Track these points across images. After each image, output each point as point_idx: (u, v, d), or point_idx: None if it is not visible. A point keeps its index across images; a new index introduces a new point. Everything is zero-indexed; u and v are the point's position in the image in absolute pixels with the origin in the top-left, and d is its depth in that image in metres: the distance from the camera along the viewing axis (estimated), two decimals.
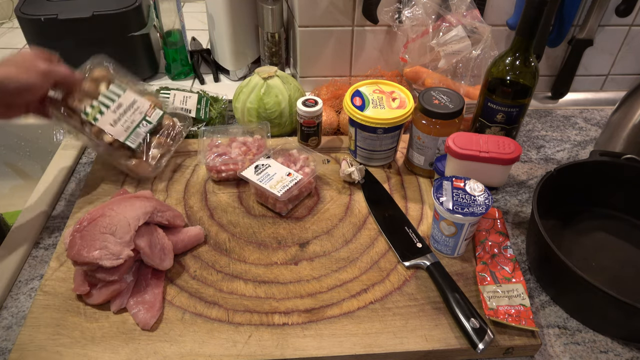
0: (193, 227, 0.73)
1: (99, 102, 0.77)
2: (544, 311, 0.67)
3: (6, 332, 0.63)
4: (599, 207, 0.79)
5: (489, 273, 0.67)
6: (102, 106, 0.76)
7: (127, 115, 0.78)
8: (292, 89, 0.92)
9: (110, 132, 0.76)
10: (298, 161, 0.81)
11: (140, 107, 0.80)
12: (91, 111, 0.75)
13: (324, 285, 0.68)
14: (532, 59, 0.76)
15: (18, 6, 0.98)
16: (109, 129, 0.76)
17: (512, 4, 0.96)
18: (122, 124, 0.77)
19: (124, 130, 0.77)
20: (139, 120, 0.78)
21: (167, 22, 1.04)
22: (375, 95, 0.85)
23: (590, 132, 1.01)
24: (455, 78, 0.97)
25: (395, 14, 0.95)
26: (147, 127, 0.79)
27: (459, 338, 0.61)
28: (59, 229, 0.77)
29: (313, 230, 0.76)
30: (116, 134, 0.76)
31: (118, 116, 0.77)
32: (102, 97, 0.77)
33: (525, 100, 0.78)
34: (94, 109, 0.75)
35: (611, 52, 1.06)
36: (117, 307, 0.63)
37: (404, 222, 0.77)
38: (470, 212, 0.65)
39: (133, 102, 0.79)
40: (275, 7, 0.99)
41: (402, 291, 0.67)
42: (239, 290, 0.67)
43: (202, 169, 0.86)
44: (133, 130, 0.78)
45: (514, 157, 0.73)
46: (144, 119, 0.79)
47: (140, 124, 0.78)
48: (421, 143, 0.82)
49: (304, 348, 0.60)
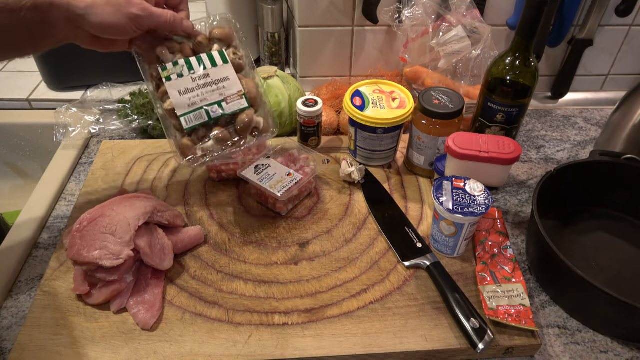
0: (193, 227, 0.73)
1: (186, 62, 0.66)
2: (544, 311, 0.67)
3: (6, 332, 0.63)
4: (599, 207, 0.79)
5: (489, 273, 0.67)
6: (185, 68, 0.65)
7: (204, 90, 0.66)
8: (292, 89, 0.92)
9: (173, 98, 0.65)
10: (298, 161, 0.81)
11: (226, 89, 0.67)
12: (170, 68, 0.65)
13: (324, 285, 0.68)
14: (532, 59, 0.76)
15: None
16: (174, 95, 0.65)
17: (512, 4, 0.96)
18: (191, 97, 0.65)
19: (187, 104, 0.65)
20: (213, 102, 0.66)
21: None
22: (375, 95, 0.85)
23: (590, 132, 1.01)
24: (455, 78, 0.97)
25: (395, 14, 0.95)
26: (215, 114, 0.66)
27: (459, 338, 0.61)
28: (59, 229, 0.77)
29: (313, 230, 0.76)
30: (177, 104, 0.65)
31: (194, 87, 0.65)
32: (194, 59, 0.66)
33: (525, 100, 0.78)
34: (175, 67, 0.65)
35: (611, 52, 1.06)
36: (117, 307, 0.63)
37: (404, 222, 0.77)
38: (470, 212, 0.65)
39: (223, 79, 0.67)
40: (275, 7, 0.99)
41: (402, 291, 0.67)
42: (239, 290, 0.67)
43: (202, 169, 0.86)
44: (197, 109, 0.65)
45: (514, 157, 0.73)
46: (219, 103, 0.66)
47: (210, 107, 0.66)
48: (421, 143, 0.82)
49: (304, 348, 0.60)
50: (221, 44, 0.69)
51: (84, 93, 1.06)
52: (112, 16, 0.60)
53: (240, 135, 0.69)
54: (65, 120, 0.91)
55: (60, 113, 0.91)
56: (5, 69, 1.14)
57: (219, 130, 0.67)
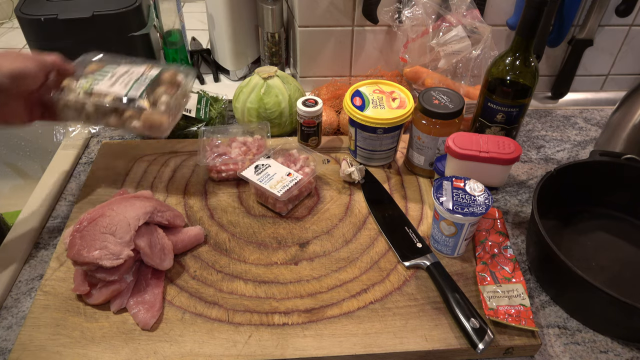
0: (193, 227, 0.73)
1: (93, 77, 0.75)
2: (544, 311, 0.67)
3: (6, 332, 0.63)
4: (599, 207, 0.79)
5: (489, 273, 0.67)
6: (96, 79, 0.74)
7: (123, 77, 0.75)
8: (292, 89, 0.92)
9: (109, 91, 0.72)
10: (298, 161, 0.81)
11: (136, 70, 0.77)
12: (85, 83, 0.73)
13: (324, 285, 0.68)
14: (532, 59, 0.76)
15: (18, 6, 0.98)
16: (108, 90, 0.72)
17: (512, 4, 0.96)
18: (120, 83, 0.74)
19: (123, 87, 0.73)
20: (136, 77, 0.75)
21: (167, 22, 1.04)
22: (375, 95, 0.85)
23: (590, 132, 1.01)
24: (455, 78, 0.97)
25: (395, 14, 0.95)
26: (146, 80, 0.75)
27: (459, 338, 0.61)
28: (59, 229, 0.77)
29: (313, 230, 0.76)
30: (116, 91, 0.72)
31: (114, 81, 0.74)
32: (96, 74, 0.76)
33: (525, 100, 0.78)
34: (87, 80, 0.74)
35: (611, 52, 1.06)
36: (117, 307, 0.63)
37: (404, 222, 0.77)
38: (470, 212, 0.65)
39: (128, 70, 0.77)
40: (275, 7, 0.99)
41: (402, 291, 0.67)
42: (239, 290, 0.67)
43: (202, 169, 0.86)
44: (132, 85, 0.74)
45: (514, 157, 0.73)
46: (142, 75, 0.76)
47: (138, 79, 0.75)
48: (421, 143, 0.82)
49: (304, 348, 0.60)
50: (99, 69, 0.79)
51: None
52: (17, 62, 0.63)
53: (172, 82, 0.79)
54: None
55: None
56: None
57: (158, 88, 0.75)
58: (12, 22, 1.35)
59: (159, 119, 0.73)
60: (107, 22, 0.98)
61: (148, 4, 1.04)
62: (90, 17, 0.96)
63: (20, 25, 0.98)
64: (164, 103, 0.74)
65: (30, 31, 0.98)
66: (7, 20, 1.35)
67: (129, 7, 0.98)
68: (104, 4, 0.99)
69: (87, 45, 1.00)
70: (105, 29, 0.99)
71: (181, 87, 0.77)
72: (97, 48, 1.01)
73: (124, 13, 0.98)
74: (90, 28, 0.98)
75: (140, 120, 0.73)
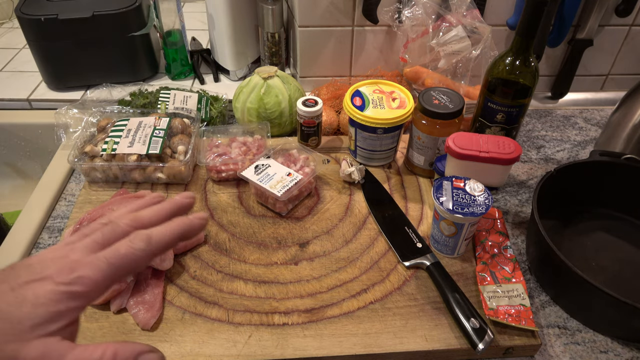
0: None
1: (109, 137, 0.82)
2: (544, 311, 0.67)
3: None
4: (599, 207, 0.79)
5: (489, 273, 0.67)
6: (114, 139, 0.81)
7: (138, 133, 0.82)
8: (292, 89, 0.92)
9: (131, 152, 0.79)
10: (298, 161, 0.81)
11: (147, 123, 0.84)
12: (107, 146, 0.80)
13: (324, 285, 0.68)
14: (532, 59, 0.76)
15: (18, 6, 0.98)
16: (129, 150, 0.79)
17: (512, 4, 0.96)
18: (138, 141, 0.81)
19: (142, 145, 0.80)
20: (151, 132, 0.82)
21: (167, 22, 1.04)
22: (375, 95, 0.85)
23: (590, 132, 1.01)
24: (455, 78, 0.97)
25: (395, 14, 0.95)
26: (161, 133, 0.82)
27: (459, 338, 0.61)
28: (59, 229, 0.77)
29: (313, 230, 0.76)
30: (137, 150, 0.79)
31: (131, 138, 0.81)
32: (111, 133, 0.82)
33: (525, 100, 0.78)
34: (108, 144, 0.80)
35: (611, 52, 1.06)
36: (117, 307, 0.63)
37: (404, 222, 0.77)
38: (470, 212, 0.65)
39: (139, 123, 0.84)
40: (275, 7, 0.99)
41: (402, 291, 0.67)
42: (239, 290, 0.67)
43: (202, 169, 0.86)
44: (150, 141, 0.81)
45: (514, 157, 0.73)
46: (155, 129, 0.83)
47: (153, 134, 0.82)
48: (421, 143, 0.82)
49: (304, 348, 0.60)
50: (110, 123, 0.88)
51: (83, 93, 1.06)
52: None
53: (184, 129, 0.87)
54: (65, 121, 0.91)
55: (61, 114, 0.91)
56: (5, 69, 1.14)
57: (173, 138, 0.84)
58: (12, 22, 1.35)
59: (179, 169, 0.81)
60: (107, 22, 0.98)
61: (148, 4, 1.04)
62: (90, 17, 0.96)
63: (20, 25, 0.98)
64: (182, 153, 0.82)
65: (30, 31, 0.98)
66: (7, 20, 1.35)
67: (129, 7, 0.98)
68: (104, 4, 0.99)
69: (87, 45, 1.01)
70: (105, 29, 0.99)
71: (193, 136, 0.85)
72: (97, 48, 1.02)
73: (124, 13, 0.98)
74: (90, 28, 0.98)
75: (163, 173, 0.82)
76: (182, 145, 0.83)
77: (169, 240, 0.34)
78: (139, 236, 0.33)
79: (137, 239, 0.33)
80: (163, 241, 0.34)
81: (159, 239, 0.34)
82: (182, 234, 0.35)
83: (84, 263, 0.31)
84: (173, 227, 0.35)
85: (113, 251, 0.32)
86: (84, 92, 1.06)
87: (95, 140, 0.84)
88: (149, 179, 0.82)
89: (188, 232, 0.35)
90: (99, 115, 0.90)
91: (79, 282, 0.31)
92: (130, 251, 0.32)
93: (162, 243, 0.34)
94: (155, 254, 0.33)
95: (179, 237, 0.35)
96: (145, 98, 0.95)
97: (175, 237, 0.34)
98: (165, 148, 0.82)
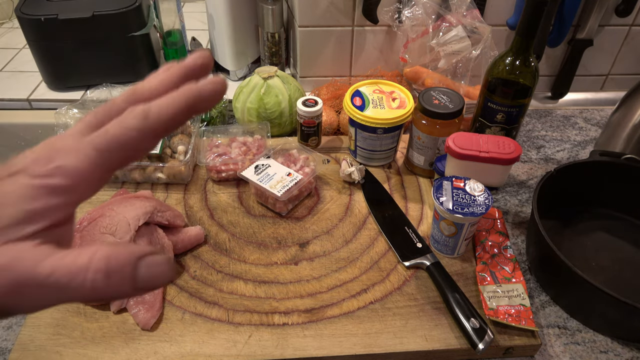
0: (193, 227, 0.73)
1: None
2: (544, 311, 0.67)
3: (6, 332, 0.63)
4: (599, 207, 0.79)
5: (489, 273, 0.67)
6: None
7: None
8: (292, 89, 0.92)
9: None
10: (298, 161, 0.81)
11: None
12: None
13: (324, 285, 0.68)
14: (532, 59, 0.76)
15: (18, 6, 0.98)
16: None
17: (512, 4, 0.96)
18: None
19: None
20: None
21: (167, 22, 1.04)
22: (375, 95, 0.85)
23: (590, 132, 1.01)
24: (455, 78, 0.97)
25: (395, 14, 0.95)
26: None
27: (459, 338, 0.61)
28: None
29: (313, 230, 0.76)
30: None
31: None
32: None
33: (525, 100, 0.78)
34: None
35: (611, 52, 1.06)
36: (117, 307, 0.63)
37: (404, 222, 0.77)
38: (470, 212, 0.65)
39: None
40: (275, 7, 0.99)
41: (402, 291, 0.67)
42: (239, 290, 0.67)
43: (202, 169, 0.86)
44: None
45: (514, 157, 0.73)
46: None
47: None
48: (421, 143, 0.82)
49: (304, 348, 0.60)
50: None
51: (83, 93, 1.06)
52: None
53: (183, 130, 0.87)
54: (65, 121, 0.91)
55: (61, 114, 0.91)
56: (5, 69, 1.14)
57: (173, 139, 0.84)
58: (12, 22, 1.34)
59: (179, 169, 0.81)
60: (107, 22, 0.98)
61: (148, 4, 1.04)
62: (90, 17, 0.96)
63: (20, 25, 0.98)
64: (182, 153, 0.82)
65: (30, 31, 0.98)
66: (7, 20, 1.35)
67: (129, 7, 0.98)
68: (104, 4, 0.99)
69: (87, 45, 1.00)
70: (105, 29, 0.99)
71: (193, 136, 0.84)
72: (97, 48, 1.02)
73: (124, 13, 0.98)
74: (90, 28, 0.98)
75: (163, 173, 0.81)
76: (182, 145, 0.83)
77: (172, 113, 0.26)
78: (134, 112, 0.26)
79: (131, 115, 0.26)
80: (164, 115, 0.26)
81: (159, 112, 0.26)
82: (189, 105, 0.27)
83: (65, 150, 0.25)
84: (176, 97, 0.27)
85: (101, 133, 0.25)
86: (84, 92, 1.06)
87: None
88: (149, 179, 0.83)
89: (197, 102, 0.27)
90: None
91: (58, 174, 0.24)
92: (121, 131, 0.25)
93: (162, 118, 0.26)
94: (156, 132, 0.26)
95: (185, 110, 0.27)
96: None
97: (180, 109, 0.26)
98: (165, 148, 0.82)
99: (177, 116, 0.26)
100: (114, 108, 0.27)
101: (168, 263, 0.24)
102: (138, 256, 0.23)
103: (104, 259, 0.23)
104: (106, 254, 0.23)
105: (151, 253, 0.24)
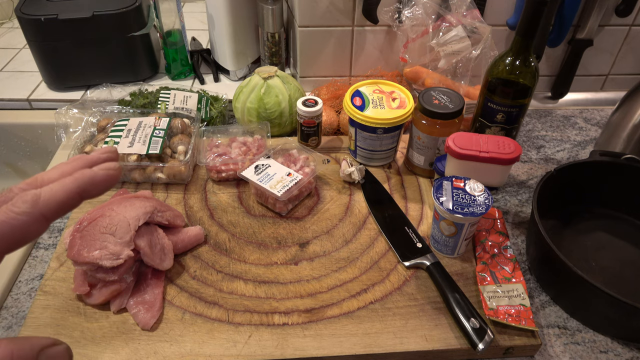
0: (193, 227, 0.73)
1: (110, 137, 0.82)
2: (544, 311, 0.67)
3: (6, 332, 0.63)
4: (599, 207, 0.79)
5: (489, 273, 0.67)
6: (114, 139, 0.81)
7: (138, 133, 0.82)
8: (292, 89, 0.92)
9: (131, 152, 0.79)
10: (298, 161, 0.81)
11: (147, 123, 0.84)
12: (106, 145, 0.80)
13: (324, 285, 0.68)
14: (532, 59, 0.76)
15: (18, 6, 0.98)
16: (130, 150, 0.80)
17: (512, 4, 0.96)
18: (138, 141, 0.81)
19: (142, 145, 0.80)
20: (151, 132, 0.82)
21: (167, 22, 1.04)
22: (375, 95, 0.85)
23: (590, 132, 1.01)
24: (455, 78, 0.97)
25: (395, 14, 0.95)
26: (161, 133, 0.82)
27: (459, 338, 0.61)
28: (59, 229, 0.77)
29: (313, 230, 0.76)
30: (137, 150, 0.80)
31: (131, 138, 0.81)
32: (111, 133, 0.83)
33: (525, 100, 0.78)
34: (108, 144, 0.81)
35: (611, 52, 1.06)
36: (117, 307, 0.63)
37: (404, 222, 0.77)
38: (470, 212, 0.65)
39: (139, 123, 0.84)
40: (275, 7, 0.99)
41: (402, 291, 0.67)
42: (239, 290, 0.67)
43: (202, 169, 0.86)
44: (150, 141, 0.81)
45: (514, 157, 0.73)
46: (155, 129, 0.83)
47: (153, 134, 0.82)
48: (421, 143, 0.82)
49: (304, 348, 0.60)
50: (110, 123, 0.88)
51: (84, 93, 1.06)
52: None
53: (184, 129, 0.87)
54: (65, 121, 0.91)
55: (61, 114, 0.91)
56: (5, 69, 1.14)
57: (173, 139, 0.84)
58: (12, 22, 1.35)
59: (179, 169, 0.81)
60: (107, 22, 0.98)
61: (148, 4, 1.04)
62: (90, 17, 0.96)
63: (20, 25, 0.98)
64: (182, 153, 0.83)
65: (30, 31, 0.98)
66: (7, 20, 1.35)
67: (129, 7, 0.99)
68: (104, 4, 0.99)
69: (87, 45, 1.01)
70: (105, 29, 0.99)
71: (193, 136, 0.85)
72: (97, 48, 1.02)
73: (124, 13, 0.98)
74: (90, 28, 0.98)
75: (163, 173, 0.82)
76: (182, 145, 0.83)
77: (62, 198, 0.27)
78: (23, 197, 0.27)
79: (20, 200, 0.27)
80: (54, 200, 0.27)
81: (48, 197, 0.27)
82: (80, 190, 0.28)
83: None
84: (67, 182, 0.28)
85: None
86: (84, 92, 1.07)
87: (95, 140, 0.84)
88: (149, 179, 0.83)
89: (88, 187, 0.29)
90: (99, 115, 0.90)
91: None
92: (9, 215, 0.26)
93: (52, 202, 0.27)
94: (47, 216, 0.27)
95: (76, 194, 0.28)
96: (145, 98, 0.95)
97: (71, 194, 0.28)
98: (165, 148, 0.82)
99: (68, 200, 0.28)
100: (10, 195, 0.28)
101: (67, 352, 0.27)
102: (41, 347, 0.26)
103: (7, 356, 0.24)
104: (9, 351, 0.24)
105: (52, 344, 0.26)
